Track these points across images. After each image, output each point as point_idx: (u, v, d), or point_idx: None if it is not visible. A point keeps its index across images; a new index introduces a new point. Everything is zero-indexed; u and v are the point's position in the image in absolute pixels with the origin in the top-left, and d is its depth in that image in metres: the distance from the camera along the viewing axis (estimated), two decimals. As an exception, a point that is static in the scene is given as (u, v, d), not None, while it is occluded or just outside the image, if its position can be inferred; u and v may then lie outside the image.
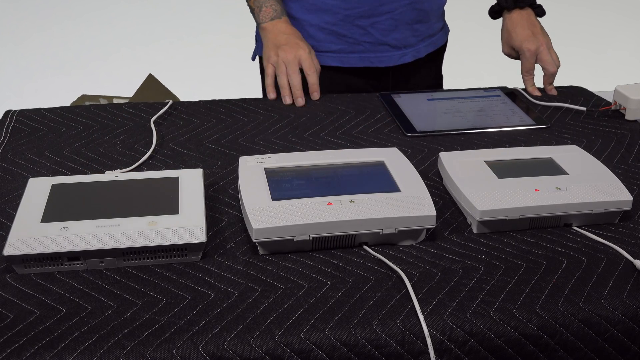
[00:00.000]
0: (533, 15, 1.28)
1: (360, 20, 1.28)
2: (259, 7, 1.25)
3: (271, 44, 1.22)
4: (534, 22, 1.27)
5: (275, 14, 1.24)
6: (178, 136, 1.07)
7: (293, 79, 1.19)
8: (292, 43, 1.20)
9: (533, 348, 0.68)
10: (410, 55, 1.34)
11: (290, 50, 1.19)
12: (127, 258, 0.74)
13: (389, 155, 0.90)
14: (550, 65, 1.25)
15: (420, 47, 1.35)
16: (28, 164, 0.97)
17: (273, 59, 1.21)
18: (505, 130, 1.10)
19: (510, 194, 0.82)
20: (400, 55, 1.33)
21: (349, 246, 0.79)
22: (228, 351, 0.63)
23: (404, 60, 1.33)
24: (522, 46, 1.26)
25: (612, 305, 0.70)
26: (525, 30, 1.26)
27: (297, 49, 1.20)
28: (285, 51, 1.19)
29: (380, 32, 1.29)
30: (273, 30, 1.23)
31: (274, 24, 1.24)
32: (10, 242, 0.72)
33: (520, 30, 1.26)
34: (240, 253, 0.77)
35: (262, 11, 1.25)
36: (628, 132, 1.10)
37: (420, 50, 1.36)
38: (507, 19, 1.30)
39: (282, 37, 1.22)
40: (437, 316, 0.67)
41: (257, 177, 0.83)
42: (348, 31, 1.29)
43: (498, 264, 0.76)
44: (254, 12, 1.27)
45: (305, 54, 1.20)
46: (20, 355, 0.61)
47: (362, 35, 1.29)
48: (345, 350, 0.65)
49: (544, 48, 1.25)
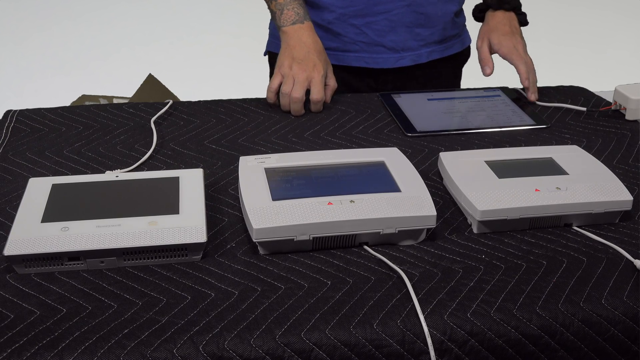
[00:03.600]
0: (516, 20, 1.30)
1: (355, 19, 1.27)
2: (280, 10, 1.19)
3: (288, 53, 1.16)
4: (515, 25, 1.30)
5: (297, 17, 1.18)
6: (178, 136, 1.07)
7: (295, 105, 1.13)
8: (309, 60, 1.14)
9: (533, 348, 0.68)
10: (409, 59, 1.32)
11: (304, 70, 1.13)
12: (128, 258, 0.74)
13: (389, 155, 0.90)
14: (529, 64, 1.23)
15: (423, 52, 1.33)
16: (28, 164, 0.97)
17: (285, 70, 1.15)
18: (505, 130, 1.10)
19: (511, 194, 0.82)
20: (397, 59, 1.32)
21: (349, 246, 0.79)
22: (228, 351, 0.63)
23: (401, 63, 1.32)
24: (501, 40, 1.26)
25: (613, 305, 0.70)
26: (506, 27, 1.28)
27: (312, 69, 1.13)
28: (300, 68, 1.13)
29: (375, 33, 1.28)
30: (294, 36, 1.17)
31: (296, 30, 1.17)
32: (11, 242, 0.72)
33: (501, 27, 1.28)
34: (241, 253, 0.77)
35: (284, 14, 1.18)
36: (628, 132, 1.10)
37: (422, 56, 1.33)
38: (490, 17, 1.31)
39: (301, 49, 1.15)
40: (437, 316, 0.67)
41: (258, 177, 0.83)
42: (343, 30, 1.28)
43: (498, 264, 0.76)
44: (275, 15, 1.20)
45: (319, 77, 1.14)
46: (21, 355, 0.61)
47: (357, 34, 1.29)
48: (345, 350, 0.65)
49: (520, 47, 1.25)
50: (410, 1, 1.27)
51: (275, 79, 1.16)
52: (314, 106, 1.15)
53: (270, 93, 1.17)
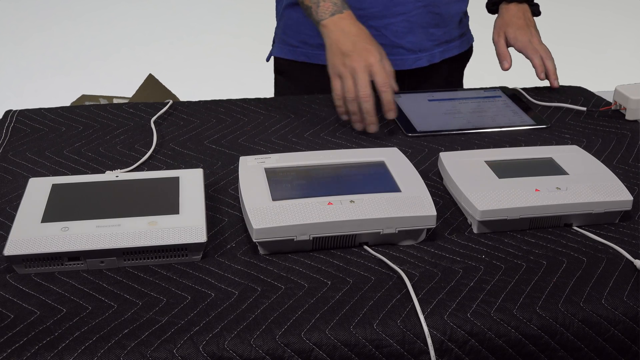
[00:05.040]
0: (529, 12, 1.31)
1: (373, 21, 1.25)
2: (316, 3, 1.10)
3: (335, 49, 1.07)
4: (529, 17, 1.31)
5: (335, 7, 1.10)
6: (178, 136, 1.07)
7: (365, 105, 1.04)
8: (360, 49, 1.05)
9: (533, 348, 0.68)
10: (425, 60, 1.31)
11: (359, 59, 1.04)
12: (128, 258, 0.74)
13: (390, 155, 0.90)
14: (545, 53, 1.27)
15: (436, 52, 1.33)
16: (28, 164, 0.97)
17: (339, 69, 1.06)
18: (505, 130, 1.10)
19: (511, 194, 0.82)
20: (414, 59, 1.30)
21: (350, 246, 0.79)
22: (228, 351, 0.63)
23: (418, 64, 1.31)
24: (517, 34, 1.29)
25: (613, 305, 0.70)
26: (521, 20, 1.30)
27: (367, 55, 1.04)
28: (353, 60, 1.04)
29: (394, 34, 1.27)
30: (335, 29, 1.08)
31: (336, 21, 1.09)
32: (11, 242, 0.72)
33: (516, 20, 1.30)
34: (241, 253, 0.77)
35: (321, 7, 1.10)
36: (628, 132, 1.10)
37: (435, 56, 1.33)
38: (505, 10, 1.33)
39: (347, 40, 1.07)
40: (437, 316, 0.67)
41: (258, 177, 0.83)
42: None
43: (498, 264, 0.76)
44: (311, 9, 1.11)
45: (377, 61, 1.05)
46: (21, 355, 0.61)
47: (376, 37, 1.24)
48: (345, 350, 0.65)
49: (535, 40, 1.28)
50: (427, 2, 1.26)
51: (336, 83, 1.07)
52: (383, 95, 1.05)
53: (339, 101, 1.07)
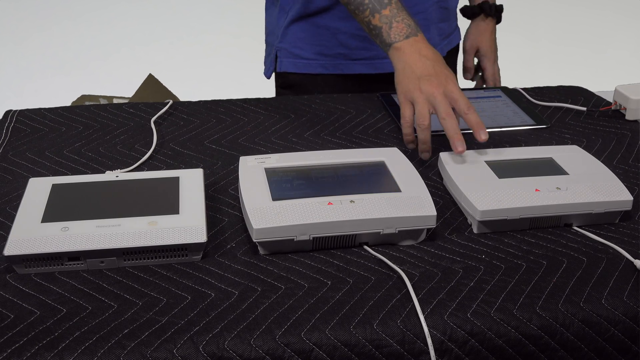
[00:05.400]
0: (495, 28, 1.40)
1: None
2: (387, 24, 1.01)
3: (409, 73, 0.97)
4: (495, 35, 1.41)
5: (409, 30, 1.01)
6: (178, 136, 1.07)
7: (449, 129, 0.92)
8: (440, 74, 0.96)
9: (533, 348, 0.68)
10: None
11: (438, 84, 0.95)
12: (128, 258, 0.74)
13: (390, 155, 0.90)
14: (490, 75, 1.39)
15: (443, 46, 1.35)
16: (28, 164, 0.97)
17: (413, 94, 0.96)
18: (505, 130, 1.10)
19: (511, 194, 0.82)
20: None
21: (350, 246, 0.79)
22: (228, 351, 0.63)
23: None
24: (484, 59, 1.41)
25: (613, 305, 0.70)
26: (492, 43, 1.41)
27: (446, 81, 0.95)
28: (432, 85, 0.95)
29: None
30: (411, 53, 0.99)
31: (412, 44, 1.00)
32: (11, 242, 0.72)
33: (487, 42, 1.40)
34: (241, 253, 0.77)
35: (393, 28, 1.01)
36: (628, 132, 1.10)
37: (443, 49, 1.35)
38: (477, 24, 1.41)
39: (425, 64, 0.97)
40: (437, 316, 0.67)
41: (258, 177, 0.83)
42: None
43: (498, 264, 0.76)
44: (381, 30, 1.02)
45: (456, 88, 0.95)
46: (21, 355, 0.61)
47: None
48: (345, 350, 0.65)
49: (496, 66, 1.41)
50: None
51: (407, 109, 0.97)
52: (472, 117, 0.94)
53: (408, 129, 0.98)
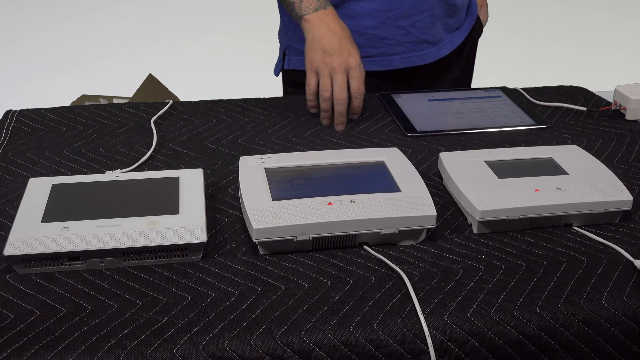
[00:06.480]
0: None
1: (401, 20, 1.24)
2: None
3: (317, 45, 1.07)
4: None
5: (319, 3, 1.10)
6: (178, 136, 1.07)
7: (339, 107, 1.06)
8: (344, 49, 1.06)
9: (533, 348, 0.68)
10: (446, 49, 1.32)
11: (340, 60, 1.05)
12: (128, 258, 0.74)
13: (390, 155, 0.90)
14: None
15: (453, 39, 1.35)
16: (28, 164, 0.97)
17: (318, 65, 1.07)
18: (505, 130, 1.10)
19: (511, 194, 0.82)
20: (437, 50, 1.31)
21: (350, 246, 0.79)
22: (228, 351, 0.63)
23: (440, 54, 1.32)
24: None
25: (613, 305, 0.70)
26: None
27: (349, 57, 1.06)
28: (334, 59, 1.05)
29: (420, 31, 1.27)
30: (319, 25, 1.08)
31: (321, 17, 1.09)
32: (11, 242, 0.72)
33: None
34: (241, 253, 0.77)
35: (304, 1, 1.10)
36: (628, 132, 1.10)
37: (454, 43, 1.35)
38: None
39: (331, 39, 1.07)
40: (437, 316, 0.67)
41: (258, 177, 0.83)
42: (389, 33, 1.25)
43: (498, 264, 0.76)
44: (294, 5, 1.11)
45: (357, 65, 1.06)
46: (21, 355, 0.61)
47: (404, 35, 1.26)
48: (345, 350, 0.65)
49: None
50: None
51: (311, 79, 1.08)
52: (355, 101, 1.08)
53: (311, 96, 1.09)
